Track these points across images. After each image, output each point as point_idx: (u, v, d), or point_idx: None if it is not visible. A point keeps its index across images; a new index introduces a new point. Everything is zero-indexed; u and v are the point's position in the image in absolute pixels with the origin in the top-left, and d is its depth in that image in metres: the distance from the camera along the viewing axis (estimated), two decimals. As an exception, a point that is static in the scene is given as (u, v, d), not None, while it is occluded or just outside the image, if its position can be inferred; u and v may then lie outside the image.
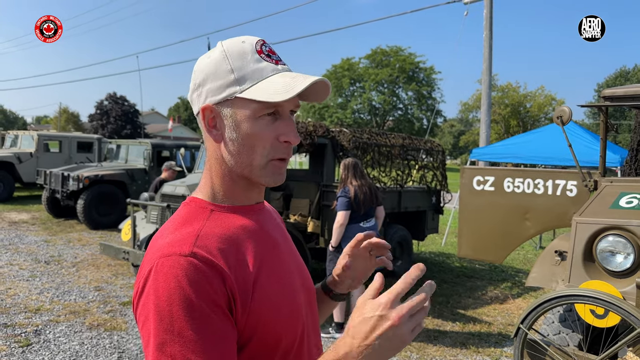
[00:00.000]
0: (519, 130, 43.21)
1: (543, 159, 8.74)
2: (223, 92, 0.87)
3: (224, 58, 0.87)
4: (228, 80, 0.86)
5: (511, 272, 7.82)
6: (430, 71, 48.43)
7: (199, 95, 0.89)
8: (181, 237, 0.82)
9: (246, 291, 0.82)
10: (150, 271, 0.79)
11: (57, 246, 8.32)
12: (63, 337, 4.47)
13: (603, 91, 3.79)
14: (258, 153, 0.88)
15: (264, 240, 0.91)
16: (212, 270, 0.78)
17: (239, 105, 0.87)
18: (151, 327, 0.75)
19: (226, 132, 0.88)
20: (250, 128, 0.86)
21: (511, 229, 4.42)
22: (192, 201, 0.92)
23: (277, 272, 0.90)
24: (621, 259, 3.10)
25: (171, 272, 0.76)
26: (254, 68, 0.87)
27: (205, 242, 0.82)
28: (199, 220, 0.87)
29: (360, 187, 4.53)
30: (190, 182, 5.83)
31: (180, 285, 0.75)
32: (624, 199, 3.39)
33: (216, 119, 0.89)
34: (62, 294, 5.72)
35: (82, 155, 14.14)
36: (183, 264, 0.77)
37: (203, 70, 0.89)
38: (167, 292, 0.75)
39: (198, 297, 0.75)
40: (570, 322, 3.37)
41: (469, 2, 12.25)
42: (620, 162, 7.09)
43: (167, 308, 0.75)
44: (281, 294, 0.88)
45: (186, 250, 0.79)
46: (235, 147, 0.88)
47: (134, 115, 39.03)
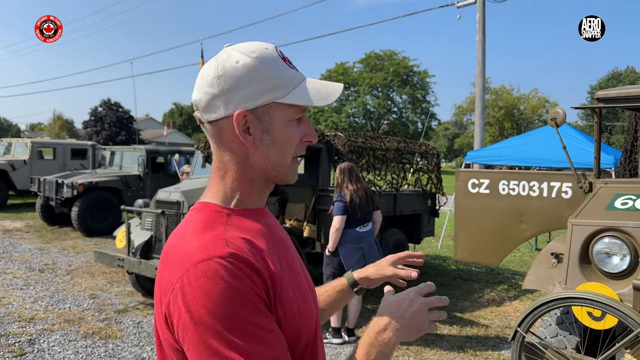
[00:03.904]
0: (513, 132, 43.38)
1: (537, 161, 8.76)
2: (261, 97, 0.88)
3: (261, 64, 0.88)
4: (268, 86, 0.88)
5: (508, 275, 7.82)
6: (424, 75, 48.64)
7: (227, 101, 0.88)
8: (210, 241, 0.82)
9: (275, 287, 0.84)
10: (188, 278, 0.78)
11: (51, 254, 8.26)
12: (57, 346, 4.43)
13: (596, 93, 3.80)
14: (288, 153, 0.92)
15: (278, 241, 0.94)
16: (251, 268, 0.80)
17: (276, 109, 0.89)
18: (206, 331, 0.75)
19: (261, 136, 0.90)
20: (285, 131, 0.91)
21: (507, 231, 4.42)
22: (206, 206, 0.92)
23: (292, 270, 0.93)
24: (617, 261, 3.10)
25: (216, 274, 0.77)
26: (288, 75, 0.90)
27: (235, 243, 0.83)
28: (219, 224, 0.87)
29: (356, 191, 4.53)
30: (185, 188, 5.79)
31: (231, 285, 0.77)
32: (619, 200, 3.39)
33: (250, 125, 0.89)
34: (56, 302, 5.67)
35: (76, 162, 14.07)
36: (225, 264, 0.78)
37: (233, 76, 0.87)
38: (218, 293, 0.76)
39: (248, 293, 0.78)
40: (567, 325, 3.37)
41: (462, 6, 12.32)
42: (614, 163, 7.11)
43: (220, 308, 0.75)
44: (298, 292, 0.92)
45: (224, 252, 0.80)
46: (269, 150, 0.91)
47: (128, 122, 38.93)
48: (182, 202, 5.51)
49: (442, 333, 5.00)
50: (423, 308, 0.95)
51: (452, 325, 5.23)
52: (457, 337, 4.93)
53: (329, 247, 4.56)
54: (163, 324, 0.82)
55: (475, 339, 4.88)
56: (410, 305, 0.95)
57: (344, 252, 4.51)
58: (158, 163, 11.42)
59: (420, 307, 0.95)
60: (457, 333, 5.03)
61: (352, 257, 4.49)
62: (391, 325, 0.93)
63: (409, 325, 0.94)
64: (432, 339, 4.81)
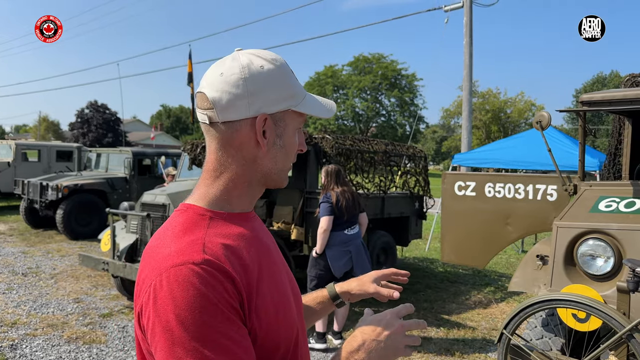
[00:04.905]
0: (500, 135, 43.70)
1: (524, 163, 8.83)
2: (281, 104, 0.92)
3: (283, 73, 0.93)
4: (288, 94, 0.92)
5: (494, 277, 7.87)
6: (412, 78, 48.86)
7: (249, 103, 0.89)
8: (187, 245, 0.82)
9: (251, 296, 0.84)
10: (160, 282, 0.78)
11: (35, 257, 8.14)
12: (40, 351, 4.36)
13: (581, 96, 3.84)
14: (290, 159, 0.97)
15: (260, 247, 0.93)
16: (225, 276, 0.80)
17: (290, 117, 0.94)
18: (173, 338, 0.75)
19: (274, 140, 0.93)
20: (292, 138, 0.96)
21: (493, 233, 4.44)
22: (189, 208, 0.91)
23: (273, 277, 0.93)
24: (602, 263, 3.12)
25: (188, 281, 0.76)
26: (299, 86, 0.96)
27: (212, 249, 0.82)
28: (200, 228, 0.87)
29: (342, 193, 4.52)
30: (171, 191, 5.74)
31: (200, 292, 0.76)
32: (603, 202, 3.42)
33: (267, 128, 0.92)
34: (39, 306, 5.58)
35: (62, 165, 13.89)
36: (198, 271, 0.77)
37: (258, 80, 0.90)
38: (187, 300, 0.75)
39: (219, 302, 0.77)
40: (552, 327, 3.39)
41: (450, 10, 12.40)
42: (599, 166, 7.19)
43: (189, 316, 0.75)
44: (278, 300, 0.90)
45: (198, 258, 0.79)
46: (277, 154, 0.94)
47: (115, 124, 38.63)
48: (168, 204, 5.46)
49: (429, 335, 5.01)
50: (399, 331, 0.94)
51: (439, 328, 5.24)
52: (444, 339, 4.93)
53: (317, 249, 4.55)
54: (137, 324, 0.83)
55: (462, 341, 4.90)
56: (386, 327, 0.94)
57: (331, 255, 4.49)
58: (144, 165, 11.32)
59: (397, 330, 0.94)
60: (444, 335, 5.04)
61: (339, 260, 4.47)
62: (365, 346, 0.92)
63: (384, 347, 0.92)
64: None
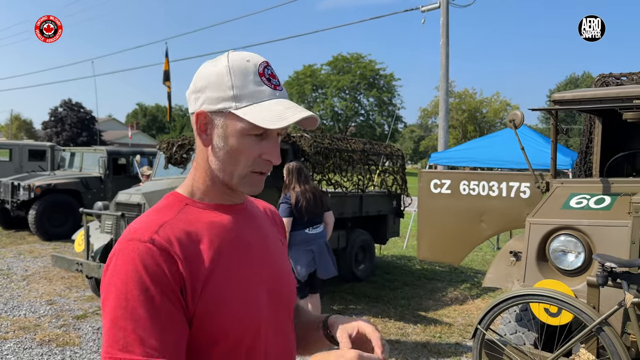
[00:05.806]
0: (476, 135, 44.29)
1: (499, 162, 8.98)
2: (219, 103, 0.92)
3: (227, 73, 0.92)
4: (226, 95, 0.92)
5: (470, 274, 7.98)
6: (390, 78, 49.19)
7: (196, 98, 0.95)
8: (145, 224, 0.89)
9: (197, 282, 0.87)
10: (115, 253, 0.87)
11: (6, 259, 7.94)
12: (11, 354, 4.25)
13: (552, 95, 3.91)
14: (241, 165, 0.95)
15: (230, 239, 0.95)
16: (166, 257, 0.85)
17: (231, 119, 0.92)
18: (108, 305, 0.83)
19: (215, 139, 0.94)
20: (237, 143, 0.93)
21: (468, 230, 4.50)
22: (172, 195, 0.99)
23: (236, 270, 0.93)
24: (572, 258, 3.19)
25: (130, 256, 0.84)
26: (253, 90, 0.92)
27: (167, 231, 0.88)
28: (171, 211, 0.93)
29: (303, 193, 4.36)
30: (147, 190, 5.66)
31: (136, 268, 0.83)
32: (574, 199, 3.50)
33: (207, 125, 0.95)
34: (10, 309, 5.45)
35: (34, 164, 13.57)
36: (141, 249, 0.84)
37: (205, 77, 0.94)
38: (125, 273, 0.83)
39: (152, 280, 0.82)
40: (526, 321, 3.45)
41: (427, 10, 12.51)
42: (571, 164, 7.36)
43: (122, 288, 0.82)
44: (236, 292, 0.91)
45: (145, 237, 0.86)
46: (221, 155, 0.95)
47: (90, 122, 37.96)
48: (143, 204, 5.38)
49: (407, 332, 5.05)
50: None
51: (416, 324, 5.29)
52: (420, 335, 4.98)
53: None
54: None
55: (439, 337, 4.95)
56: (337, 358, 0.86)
57: (293, 256, 4.32)
58: (120, 164, 11.13)
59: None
60: (420, 332, 5.09)
61: (302, 260, 4.32)
62: None
63: None
64: (396, 338, 4.85)
